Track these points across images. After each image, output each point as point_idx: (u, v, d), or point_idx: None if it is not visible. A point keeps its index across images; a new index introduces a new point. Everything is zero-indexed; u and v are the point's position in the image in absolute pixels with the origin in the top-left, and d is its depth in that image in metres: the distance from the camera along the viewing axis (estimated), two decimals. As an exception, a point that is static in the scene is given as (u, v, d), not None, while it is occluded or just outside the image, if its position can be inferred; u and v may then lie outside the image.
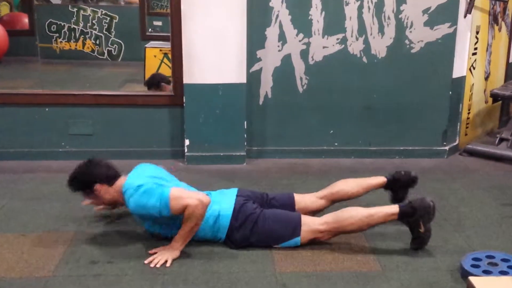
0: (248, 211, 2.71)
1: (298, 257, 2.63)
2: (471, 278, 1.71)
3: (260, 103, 4.09)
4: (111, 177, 2.71)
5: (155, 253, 2.61)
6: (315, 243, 2.73)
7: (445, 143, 4.28)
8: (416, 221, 2.64)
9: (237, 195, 2.80)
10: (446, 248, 2.75)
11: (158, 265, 2.52)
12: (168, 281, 2.41)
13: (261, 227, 2.68)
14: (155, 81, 4.86)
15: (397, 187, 3.02)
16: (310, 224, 2.70)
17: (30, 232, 2.86)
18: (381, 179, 3.02)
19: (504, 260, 2.50)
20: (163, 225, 2.69)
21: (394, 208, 2.67)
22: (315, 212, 2.93)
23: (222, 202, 2.74)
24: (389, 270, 2.52)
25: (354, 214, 2.67)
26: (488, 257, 2.53)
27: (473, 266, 2.45)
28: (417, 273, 2.50)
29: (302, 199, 2.96)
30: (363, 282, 2.42)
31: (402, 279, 2.44)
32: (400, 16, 3.99)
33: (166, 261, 2.55)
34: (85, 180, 2.70)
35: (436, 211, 2.68)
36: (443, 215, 3.16)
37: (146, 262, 2.55)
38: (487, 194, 3.52)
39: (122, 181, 2.68)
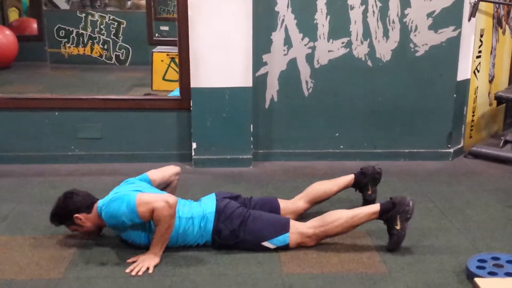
0: (232, 207, 2.77)
1: (304, 259, 2.65)
2: (476, 280, 1.72)
3: (266, 106, 4.12)
4: (88, 204, 2.74)
5: (135, 262, 2.60)
6: (322, 244, 2.76)
7: (450, 146, 4.30)
8: (393, 216, 2.69)
9: (216, 197, 2.86)
10: (452, 249, 2.77)
11: (140, 273, 2.50)
12: (176, 283, 2.44)
13: (250, 224, 2.72)
14: None
15: (365, 182, 3.19)
16: (298, 227, 2.76)
17: (40, 234, 2.90)
18: (351, 176, 3.21)
19: (509, 261, 2.52)
20: (138, 233, 2.69)
21: (376, 207, 2.75)
22: (297, 216, 3.01)
23: (204, 204, 2.80)
24: (395, 272, 2.54)
25: (339, 216, 2.73)
26: (494, 258, 2.55)
27: (478, 267, 2.46)
28: (422, 275, 2.51)
29: (284, 202, 3.05)
30: (369, 284, 2.44)
31: (408, 281, 2.46)
32: (404, 20, 4.02)
33: (148, 269, 2.54)
34: (64, 213, 2.74)
35: (415, 209, 2.74)
36: (449, 217, 3.18)
37: (127, 271, 2.52)
38: (492, 196, 3.54)
39: (97, 204, 2.72)
